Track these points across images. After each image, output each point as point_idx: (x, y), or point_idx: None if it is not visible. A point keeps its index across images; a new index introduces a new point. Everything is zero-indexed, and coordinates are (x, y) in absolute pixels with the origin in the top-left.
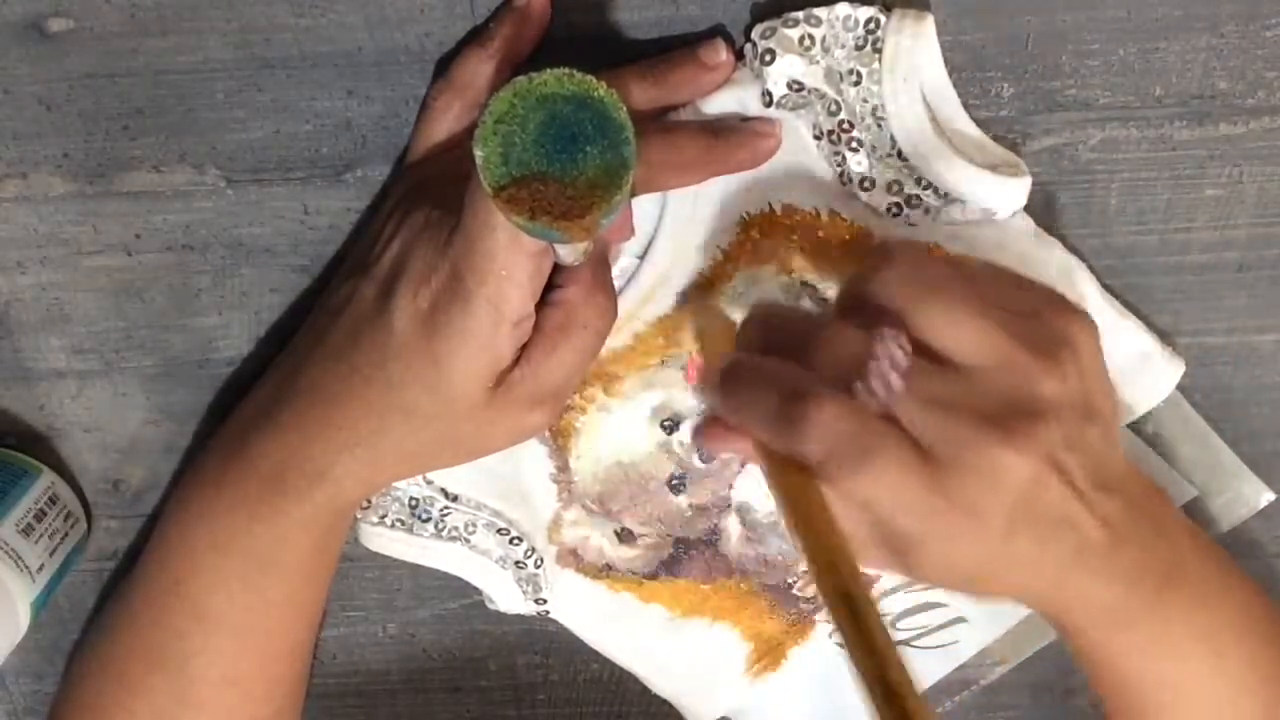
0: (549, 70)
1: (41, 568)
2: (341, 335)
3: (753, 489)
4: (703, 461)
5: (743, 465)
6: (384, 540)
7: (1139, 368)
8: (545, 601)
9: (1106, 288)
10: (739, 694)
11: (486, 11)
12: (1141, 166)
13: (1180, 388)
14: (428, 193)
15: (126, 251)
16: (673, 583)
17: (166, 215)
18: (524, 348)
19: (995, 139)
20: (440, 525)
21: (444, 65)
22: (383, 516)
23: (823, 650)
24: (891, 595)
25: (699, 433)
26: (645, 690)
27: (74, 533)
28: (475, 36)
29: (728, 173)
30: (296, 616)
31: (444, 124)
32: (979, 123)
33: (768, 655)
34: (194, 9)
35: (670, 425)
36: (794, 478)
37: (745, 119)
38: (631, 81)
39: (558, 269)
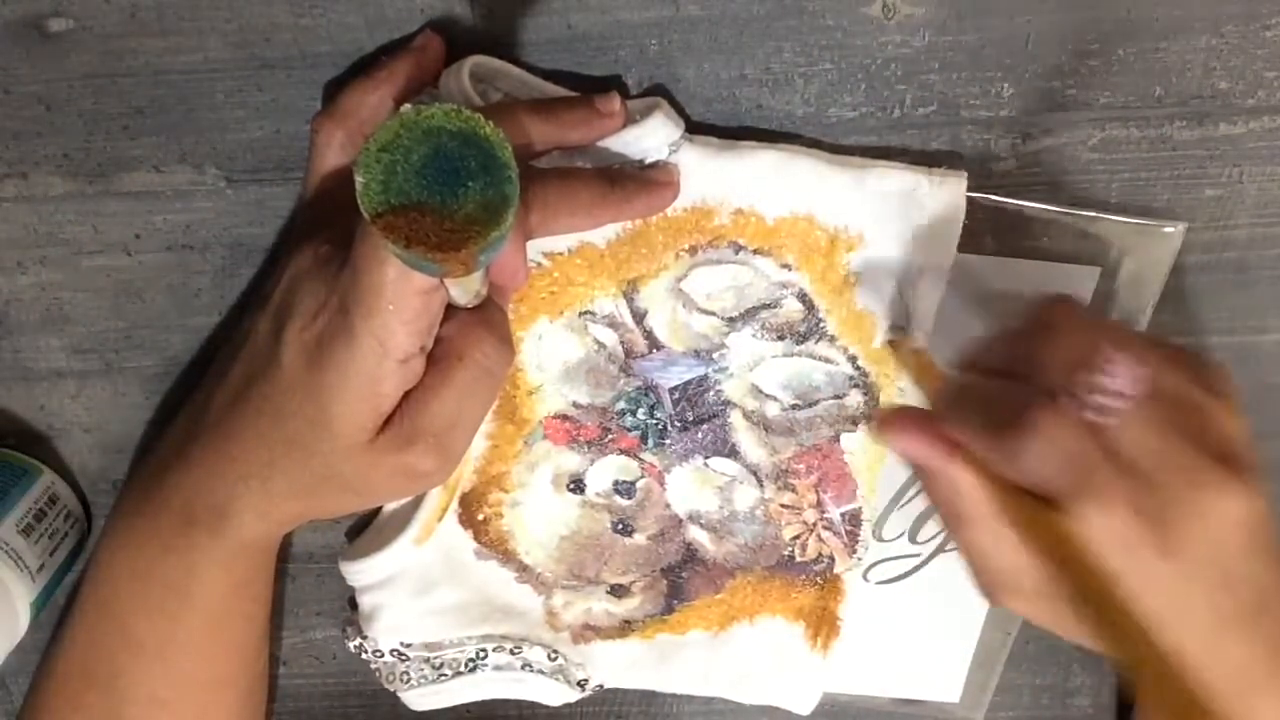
0: (438, 105)
1: (41, 568)
2: (239, 370)
3: (685, 493)
4: (625, 498)
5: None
6: (424, 699)
7: None
8: (587, 681)
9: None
10: (820, 671)
11: (487, 10)
12: (1141, 166)
13: None
14: (320, 226)
15: (126, 251)
16: (690, 606)
17: (166, 215)
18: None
19: (994, 140)
20: (455, 665)
21: (331, 91)
22: (408, 681)
23: (869, 596)
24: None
25: (884, 423)
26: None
27: (74, 533)
28: (365, 68)
29: (626, 218)
30: (219, 650)
31: (330, 154)
32: (979, 123)
33: (822, 625)
34: (194, 9)
35: (575, 485)
36: (1019, 501)
37: (647, 165)
38: (524, 115)
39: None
